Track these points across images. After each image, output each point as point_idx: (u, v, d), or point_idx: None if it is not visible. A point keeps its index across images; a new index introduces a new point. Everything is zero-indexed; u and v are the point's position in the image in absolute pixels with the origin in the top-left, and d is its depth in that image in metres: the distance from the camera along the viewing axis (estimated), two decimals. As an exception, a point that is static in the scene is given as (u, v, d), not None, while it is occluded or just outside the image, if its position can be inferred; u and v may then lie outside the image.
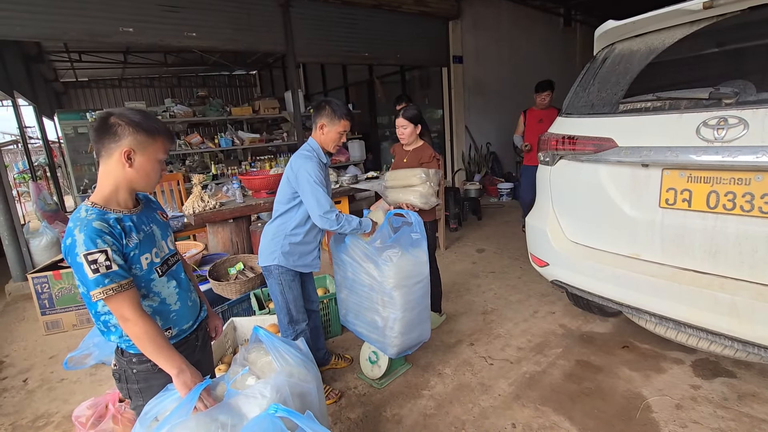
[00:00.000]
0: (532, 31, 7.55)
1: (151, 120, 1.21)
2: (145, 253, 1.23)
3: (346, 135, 2.10)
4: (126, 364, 1.27)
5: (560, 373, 2.28)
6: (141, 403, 1.27)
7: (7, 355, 2.82)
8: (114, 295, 1.10)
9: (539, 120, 4.09)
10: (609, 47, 2.16)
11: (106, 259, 1.09)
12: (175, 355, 1.20)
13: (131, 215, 1.23)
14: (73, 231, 1.10)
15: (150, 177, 1.23)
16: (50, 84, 9.54)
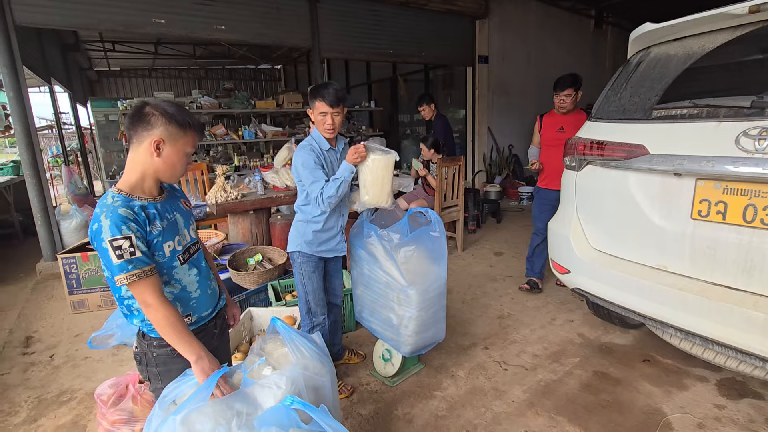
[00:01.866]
0: (562, 33, 7.39)
1: (184, 113, 1.23)
2: (167, 241, 1.25)
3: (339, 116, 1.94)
4: (147, 348, 1.29)
5: (577, 383, 2.23)
6: (160, 386, 1.30)
7: (35, 331, 2.94)
8: (137, 280, 1.13)
9: (558, 128, 3.04)
10: (644, 51, 2.09)
11: (130, 246, 1.12)
12: (194, 341, 1.22)
13: (155, 203, 1.25)
14: (100, 217, 1.13)
15: (176, 168, 1.25)
16: (84, 72, 9.87)
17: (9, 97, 3.59)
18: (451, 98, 7.74)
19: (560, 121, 3.07)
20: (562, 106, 3.02)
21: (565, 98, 2.98)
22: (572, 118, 3.01)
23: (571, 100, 2.98)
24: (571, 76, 2.98)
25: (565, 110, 3.02)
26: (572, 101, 2.99)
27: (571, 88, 2.96)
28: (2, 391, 2.28)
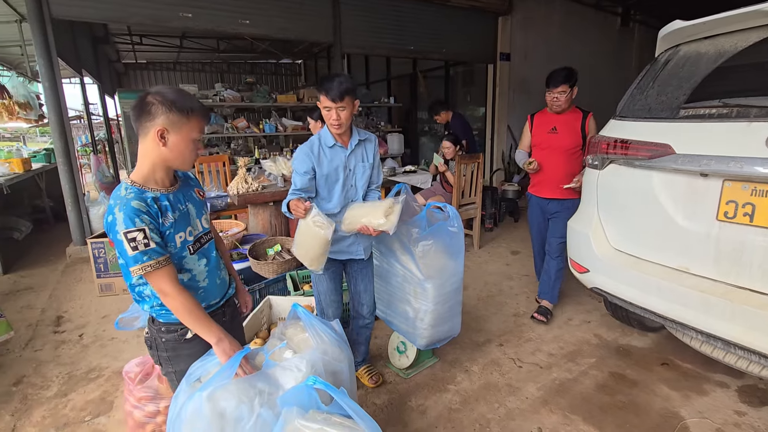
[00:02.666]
0: (586, 31, 7.24)
1: (186, 99, 1.20)
2: (179, 232, 1.26)
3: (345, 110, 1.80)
4: (156, 333, 1.32)
5: (592, 383, 2.22)
6: (171, 369, 1.35)
7: (65, 311, 3.07)
8: (152, 271, 1.15)
9: (551, 129, 2.73)
10: (673, 49, 2.05)
11: (144, 237, 1.13)
12: (213, 325, 1.25)
13: (168, 194, 1.25)
14: (114, 209, 1.15)
15: (184, 156, 1.23)
16: (113, 64, 10.15)
17: (44, 88, 3.74)
18: (471, 96, 7.68)
19: (553, 121, 2.74)
20: (555, 105, 2.67)
21: (559, 96, 2.63)
22: (567, 117, 2.71)
23: (566, 97, 2.62)
24: (565, 71, 2.62)
25: (559, 109, 2.69)
26: (567, 99, 2.63)
27: (566, 84, 2.60)
28: (36, 366, 2.40)
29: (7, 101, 4.97)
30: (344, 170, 1.94)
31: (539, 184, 2.86)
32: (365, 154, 2.00)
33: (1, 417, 2.01)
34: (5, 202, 4.69)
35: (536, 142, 2.84)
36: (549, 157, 2.75)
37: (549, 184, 2.78)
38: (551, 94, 2.68)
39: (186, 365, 1.32)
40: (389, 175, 4.85)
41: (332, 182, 1.94)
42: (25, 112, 5.12)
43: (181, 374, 1.33)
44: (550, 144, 2.74)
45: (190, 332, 1.31)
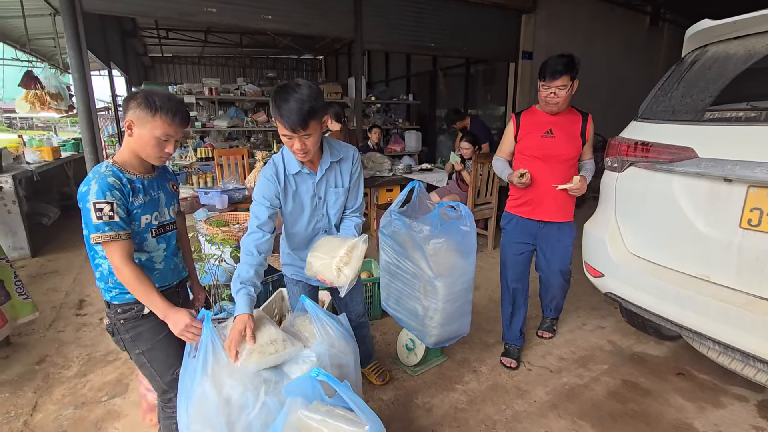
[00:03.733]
0: (613, 29, 7.04)
1: (158, 100, 1.27)
2: (146, 214, 1.36)
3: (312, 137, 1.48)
4: (114, 316, 1.39)
5: (603, 390, 2.18)
6: (137, 351, 1.41)
7: (88, 295, 3.19)
8: (110, 242, 1.24)
9: (545, 132, 2.17)
10: (700, 49, 1.98)
11: (110, 210, 1.23)
12: (159, 300, 1.29)
13: (143, 179, 1.36)
14: (90, 181, 1.24)
15: (147, 151, 1.31)
16: (140, 57, 10.43)
17: (74, 79, 3.87)
18: (491, 95, 7.58)
19: (547, 123, 2.16)
20: (552, 102, 2.08)
21: (558, 91, 2.03)
22: (564, 119, 2.16)
23: (566, 93, 2.05)
24: (565, 59, 2.05)
25: (557, 108, 2.10)
26: (567, 95, 2.07)
27: (567, 76, 2.02)
28: (58, 347, 2.50)
29: (39, 91, 5.17)
30: (312, 200, 1.66)
31: (530, 203, 2.24)
32: (339, 177, 1.70)
33: (24, 393, 2.10)
34: (35, 188, 4.89)
35: (525, 148, 2.23)
36: (544, 168, 2.17)
37: (545, 202, 2.20)
38: (548, 89, 2.07)
39: (151, 343, 1.41)
40: (405, 173, 4.84)
41: (297, 214, 1.68)
42: (56, 102, 5.30)
43: (150, 353, 1.41)
44: (546, 151, 2.16)
45: (146, 308, 1.36)
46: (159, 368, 1.44)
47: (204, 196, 4.02)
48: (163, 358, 1.44)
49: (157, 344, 1.42)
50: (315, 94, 1.44)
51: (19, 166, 4.26)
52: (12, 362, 2.35)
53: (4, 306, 2.32)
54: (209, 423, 1.17)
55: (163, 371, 1.44)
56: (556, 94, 2.07)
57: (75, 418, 1.94)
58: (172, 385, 1.43)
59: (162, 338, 1.42)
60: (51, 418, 1.93)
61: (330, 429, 1.03)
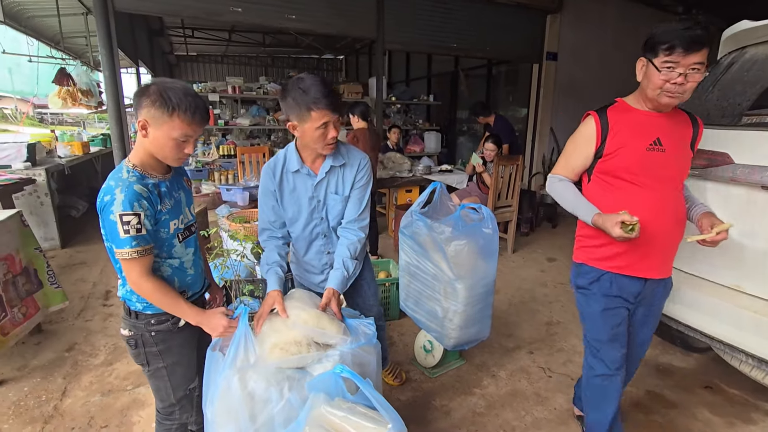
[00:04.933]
0: (642, 30, 6.78)
1: (175, 98, 1.14)
2: (174, 219, 1.27)
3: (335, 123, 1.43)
4: (144, 327, 1.28)
5: (626, 400, 2.12)
6: (161, 365, 1.32)
7: (114, 286, 3.29)
8: (137, 258, 1.14)
9: (652, 141, 1.40)
10: (738, 51, 1.92)
11: (138, 223, 1.13)
12: (186, 307, 1.24)
13: (165, 181, 1.26)
14: (114, 190, 1.13)
15: (165, 153, 1.20)
16: (166, 56, 10.69)
17: (105, 76, 3.99)
18: (513, 96, 7.49)
19: (653, 127, 1.40)
20: (676, 92, 1.31)
21: (692, 73, 1.28)
22: (673, 120, 1.42)
23: (700, 78, 1.32)
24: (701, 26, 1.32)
25: (678, 101, 1.35)
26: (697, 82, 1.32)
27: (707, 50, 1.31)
28: (86, 336, 2.59)
29: (71, 88, 5.35)
30: (310, 201, 1.58)
31: (630, 253, 1.43)
32: (340, 183, 1.59)
33: (55, 379, 2.18)
34: (66, 182, 5.07)
35: (619, 168, 1.41)
36: (649, 200, 1.39)
37: (653, 253, 1.44)
38: (673, 69, 1.30)
39: (177, 357, 1.34)
40: (425, 174, 4.82)
41: (294, 214, 1.60)
42: (87, 99, 5.49)
43: (172, 367, 1.34)
44: (655, 172, 1.38)
45: (182, 320, 1.30)
46: (177, 383, 1.38)
47: (226, 193, 4.10)
48: (182, 373, 1.39)
49: (182, 359, 1.37)
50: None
51: (51, 160, 4.42)
52: (43, 348, 2.44)
53: (36, 294, 2.41)
54: (233, 416, 1.19)
55: (180, 386, 1.39)
56: (687, 78, 1.28)
57: (102, 405, 2.00)
58: (182, 400, 1.40)
59: (187, 352, 1.38)
60: (79, 404, 2.00)
61: (352, 425, 1.04)
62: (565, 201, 1.50)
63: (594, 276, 1.50)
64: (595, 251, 1.49)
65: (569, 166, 1.52)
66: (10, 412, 1.94)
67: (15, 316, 2.21)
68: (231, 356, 1.19)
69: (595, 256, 1.49)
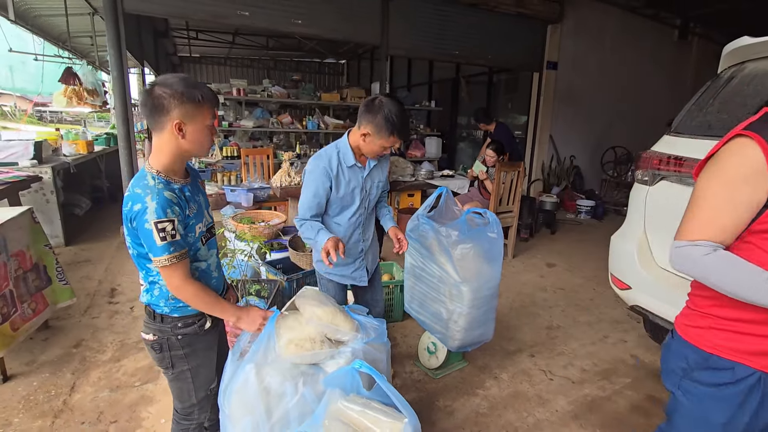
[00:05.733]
0: (641, 42, 6.98)
1: (196, 88, 1.18)
2: (198, 222, 1.28)
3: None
4: (170, 330, 1.29)
5: (626, 404, 2.17)
6: (186, 367, 1.34)
7: (119, 284, 3.31)
8: (176, 263, 1.16)
9: None
10: (738, 66, 1.98)
11: (172, 228, 1.15)
12: (227, 305, 1.29)
13: (187, 185, 1.27)
14: (144, 198, 1.13)
15: (203, 144, 1.23)
16: (169, 57, 10.73)
17: (113, 77, 4.03)
18: (513, 104, 7.58)
19: None
20: None
21: None
22: None
23: None
24: None
25: None
26: None
27: None
28: (93, 332, 2.61)
29: (77, 87, 5.39)
30: (361, 192, 1.78)
31: None
32: (380, 173, 1.86)
33: (63, 375, 2.20)
34: (69, 180, 5.08)
35: None
36: None
37: None
38: None
39: (202, 359, 1.37)
40: (427, 178, 4.88)
41: (346, 205, 1.78)
42: (92, 98, 5.53)
43: (196, 369, 1.36)
44: None
45: (207, 322, 1.34)
46: (199, 384, 1.39)
47: (230, 194, 4.12)
48: (205, 374, 1.40)
49: (205, 361, 1.39)
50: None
51: (57, 158, 4.44)
52: (51, 344, 2.46)
53: (45, 290, 2.44)
54: (249, 409, 1.23)
55: (202, 387, 1.41)
56: None
57: (110, 400, 2.03)
58: (202, 401, 1.41)
59: (210, 354, 1.40)
60: (88, 399, 2.02)
61: (369, 419, 1.08)
62: (733, 281, 0.88)
63: (736, 375, 0.96)
64: (754, 342, 0.94)
65: (721, 223, 0.91)
66: (20, 406, 1.96)
67: (25, 312, 2.23)
68: (252, 351, 1.23)
69: (752, 349, 0.95)
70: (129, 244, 1.25)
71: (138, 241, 1.21)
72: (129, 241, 1.24)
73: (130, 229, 1.19)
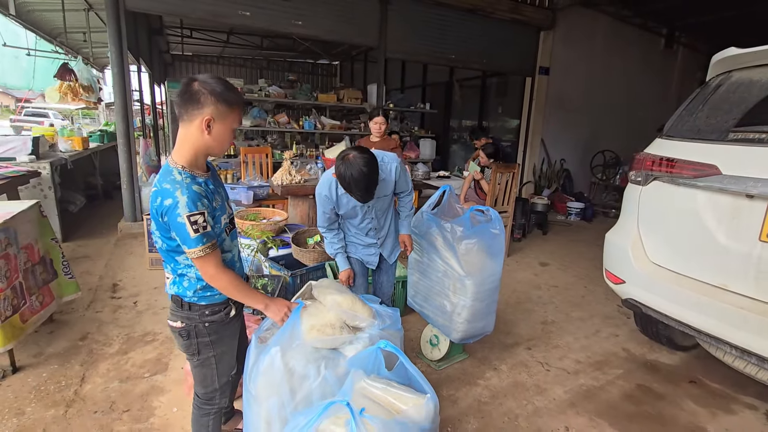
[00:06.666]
0: (628, 50, 7.21)
1: (232, 91, 1.23)
2: (223, 214, 1.33)
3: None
4: (198, 318, 1.34)
5: (619, 393, 2.28)
6: (212, 354, 1.40)
7: (120, 280, 3.32)
8: (210, 252, 1.22)
9: None
10: (725, 74, 2.12)
11: (203, 221, 1.19)
12: (257, 294, 1.38)
13: (209, 179, 1.31)
14: (174, 192, 1.17)
15: (224, 144, 1.29)
16: (162, 55, 10.65)
17: (113, 73, 4.04)
18: (503, 107, 7.75)
19: None
20: None
21: None
22: None
23: None
24: None
25: None
26: None
27: None
28: (98, 326, 2.63)
29: (73, 83, 5.35)
30: (362, 209, 2.05)
31: None
32: (383, 188, 2.02)
33: (72, 366, 2.22)
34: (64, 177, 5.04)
35: None
36: None
37: None
38: None
39: (226, 346, 1.44)
40: (423, 179, 4.97)
41: (352, 216, 2.10)
42: (88, 94, 5.49)
43: (221, 356, 1.43)
44: None
45: (233, 310, 1.41)
46: (223, 370, 1.45)
47: (231, 192, 4.15)
48: (228, 360, 1.46)
49: (229, 347, 1.45)
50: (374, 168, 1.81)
51: (54, 154, 4.42)
52: (57, 337, 2.47)
53: (52, 284, 2.45)
54: (275, 390, 1.29)
55: (224, 373, 1.46)
56: None
57: (121, 390, 2.06)
58: (224, 386, 1.47)
59: (233, 341, 1.46)
60: (99, 390, 2.05)
61: (392, 396, 1.15)
62: None
63: None
64: None
65: None
66: (31, 396, 1.98)
67: (33, 304, 2.25)
68: (278, 336, 1.29)
69: None
70: (157, 238, 1.28)
71: (168, 235, 1.26)
72: (158, 235, 1.27)
73: (161, 224, 1.23)
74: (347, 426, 0.97)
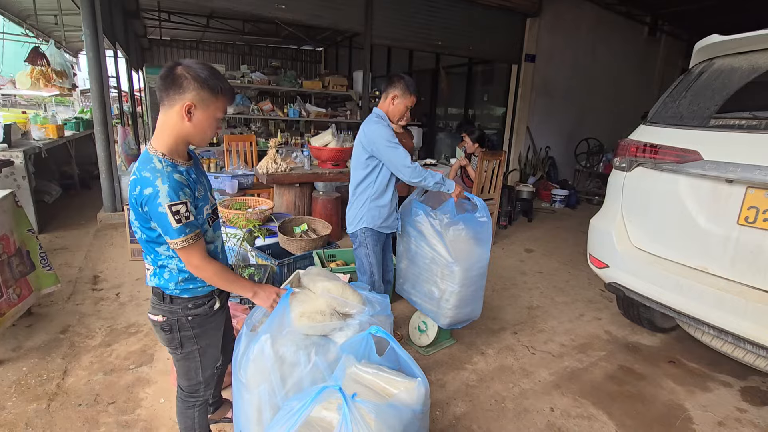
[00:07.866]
0: (613, 38, 7.27)
1: (217, 78, 1.18)
2: (205, 204, 1.30)
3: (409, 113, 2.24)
4: (181, 311, 1.30)
5: (602, 373, 2.35)
6: (195, 347, 1.36)
7: (101, 271, 3.23)
8: (193, 243, 1.18)
9: None
10: (707, 61, 2.15)
11: (186, 210, 1.15)
12: (244, 281, 1.35)
13: (191, 168, 1.27)
14: (154, 182, 1.12)
15: (206, 133, 1.23)
16: (138, 39, 10.27)
17: (88, 58, 3.88)
18: (489, 95, 7.75)
19: None
20: None
21: None
22: None
23: None
24: None
25: None
26: None
27: None
28: (79, 318, 2.56)
29: (45, 68, 5.11)
30: None
31: None
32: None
33: (53, 359, 2.17)
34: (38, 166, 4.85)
35: None
36: None
37: None
38: None
39: (210, 339, 1.40)
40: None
41: None
42: (61, 80, 5.26)
43: (205, 349, 1.39)
44: None
45: (216, 303, 1.38)
46: (207, 363, 1.42)
47: (214, 181, 4.07)
48: (212, 353, 1.44)
49: (213, 340, 1.42)
50: None
51: (27, 142, 4.24)
52: (36, 331, 2.41)
53: (29, 276, 2.37)
54: (266, 377, 1.28)
55: (209, 365, 1.44)
56: None
57: (106, 383, 2.02)
58: (208, 379, 1.45)
59: (218, 334, 1.44)
60: (83, 382, 2.01)
61: (383, 380, 1.16)
62: None
63: None
64: None
65: None
66: (11, 391, 1.92)
67: (10, 297, 2.18)
68: (268, 324, 1.28)
69: None
70: (136, 228, 1.24)
71: (148, 225, 1.21)
72: (137, 225, 1.23)
73: (140, 214, 1.18)
74: (340, 411, 0.97)
